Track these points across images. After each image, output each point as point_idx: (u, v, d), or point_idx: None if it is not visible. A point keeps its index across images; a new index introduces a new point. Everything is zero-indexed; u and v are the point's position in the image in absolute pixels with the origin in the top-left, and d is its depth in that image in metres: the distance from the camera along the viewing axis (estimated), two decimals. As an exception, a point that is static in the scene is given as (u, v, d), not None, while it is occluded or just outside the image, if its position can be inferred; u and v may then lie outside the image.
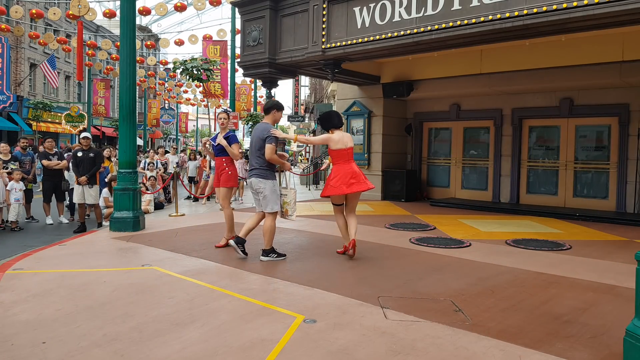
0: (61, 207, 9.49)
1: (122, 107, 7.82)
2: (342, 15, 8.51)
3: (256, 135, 5.63)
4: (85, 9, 14.69)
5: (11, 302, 4.02)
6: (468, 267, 5.30)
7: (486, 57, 10.44)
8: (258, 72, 10.12)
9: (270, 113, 5.74)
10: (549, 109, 10.90)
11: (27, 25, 23.26)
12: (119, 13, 9.57)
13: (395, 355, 3.05)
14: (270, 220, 5.59)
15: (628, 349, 2.85)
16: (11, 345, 3.15)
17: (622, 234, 7.74)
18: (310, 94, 33.57)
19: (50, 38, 19.89)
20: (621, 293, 4.42)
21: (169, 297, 4.16)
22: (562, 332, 3.48)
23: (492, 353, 3.10)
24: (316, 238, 7.09)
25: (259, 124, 5.79)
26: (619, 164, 10.07)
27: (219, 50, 20.16)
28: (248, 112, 27.56)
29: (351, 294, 4.25)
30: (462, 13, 7.01)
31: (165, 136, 50.87)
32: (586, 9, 5.95)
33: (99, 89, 29.09)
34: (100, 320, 3.59)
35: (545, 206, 10.65)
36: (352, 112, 13.00)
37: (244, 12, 9.98)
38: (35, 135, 23.61)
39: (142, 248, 6.27)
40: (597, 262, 5.71)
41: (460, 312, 3.86)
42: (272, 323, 3.55)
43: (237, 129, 19.13)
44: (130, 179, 7.70)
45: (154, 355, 3.03)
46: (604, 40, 8.87)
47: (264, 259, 5.59)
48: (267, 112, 5.78)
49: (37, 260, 5.57)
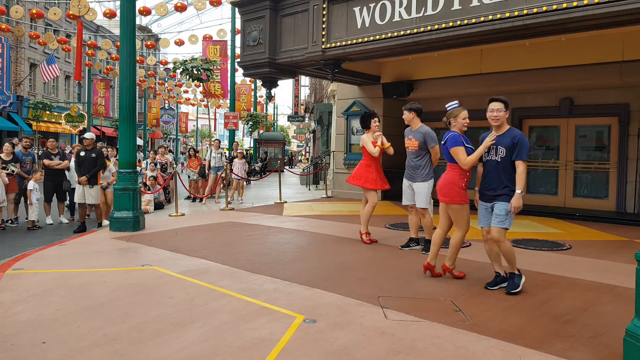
0: (61, 207, 9.50)
1: (122, 107, 7.82)
2: (342, 15, 8.51)
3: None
4: (85, 9, 14.69)
5: (11, 302, 4.03)
6: (468, 267, 5.30)
7: (486, 57, 10.44)
8: (258, 72, 10.12)
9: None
10: (549, 109, 10.89)
11: (27, 25, 23.26)
12: (119, 13, 9.57)
13: (395, 355, 3.05)
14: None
15: (628, 349, 2.84)
16: (11, 345, 3.15)
17: (622, 234, 7.74)
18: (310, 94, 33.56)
19: (50, 38, 19.89)
20: (621, 293, 4.42)
21: (169, 297, 4.17)
22: (562, 332, 3.48)
23: (492, 353, 3.10)
24: (316, 238, 7.09)
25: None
26: (619, 164, 10.07)
27: (219, 50, 20.15)
28: (248, 112, 27.57)
29: (351, 294, 4.25)
30: (462, 13, 7.01)
31: (165, 136, 50.89)
32: (586, 9, 5.95)
33: (99, 89, 29.09)
34: (100, 320, 3.59)
35: (545, 206, 10.64)
36: (352, 112, 13.00)
37: (244, 12, 9.98)
38: (35, 135, 23.60)
39: (142, 248, 6.27)
40: (597, 262, 5.71)
41: (460, 312, 3.86)
42: (272, 323, 3.55)
43: (237, 128, 19.11)
44: (130, 179, 7.70)
45: (154, 355, 3.03)
46: (604, 40, 8.86)
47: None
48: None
49: (37, 260, 5.57)
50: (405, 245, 6.30)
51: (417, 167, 5.95)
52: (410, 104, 6.07)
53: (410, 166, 6.03)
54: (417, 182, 5.93)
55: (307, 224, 8.31)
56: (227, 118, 18.49)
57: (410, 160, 6.04)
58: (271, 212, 9.99)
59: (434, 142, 5.85)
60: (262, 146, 31.15)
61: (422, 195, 5.88)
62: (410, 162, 6.04)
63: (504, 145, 4.33)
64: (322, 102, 23.64)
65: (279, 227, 8.03)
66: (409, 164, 6.07)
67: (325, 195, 13.39)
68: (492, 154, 4.42)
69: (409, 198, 6.07)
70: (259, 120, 27.58)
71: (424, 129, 5.90)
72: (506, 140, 4.34)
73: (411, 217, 6.24)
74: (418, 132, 5.91)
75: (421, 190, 5.89)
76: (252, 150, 29.86)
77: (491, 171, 4.41)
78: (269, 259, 5.64)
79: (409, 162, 6.07)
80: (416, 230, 6.28)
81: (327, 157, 17.68)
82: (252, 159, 26.17)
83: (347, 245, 6.54)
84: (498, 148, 4.37)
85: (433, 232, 6.07)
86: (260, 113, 32.85)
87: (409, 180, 6.03)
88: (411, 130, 6.02)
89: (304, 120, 38.86)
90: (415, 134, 5.94)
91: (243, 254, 5.87)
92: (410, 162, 6.03)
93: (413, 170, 5.98)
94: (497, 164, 4.38)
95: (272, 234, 7.33)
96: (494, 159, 4.40)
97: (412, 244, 6.27)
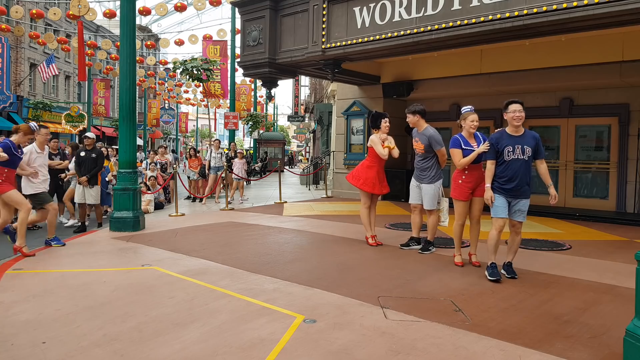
0: (61, 207, 9.49)
1: (122, 107, 7.82)
2: (342, 15, 8.51)
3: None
4: (85, 9, 14.68)
5: (11, 302, 4.02)
6: (468, 267, 5.30)
7: (486, 57, 10.44)
8: (258, 72, 10.12)
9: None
10: (549, 109, 10.89)
11: (27, 25, 23.25)
12: (119, 13, 9.57)
13: (395, 355, 3.05)
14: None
15: (628, 349, 2.84)
16: (11, 345, 3.15)
17: (622, 234, 7.74)
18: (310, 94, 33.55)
19: (50, 38, 19.89)
20: (621, 293, 4.42)
21: (169, 297, 4.16)
22: (562, 332, 3.48)
23: (492, 353, 3.10)
24: (316, 238, 7.09)
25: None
26: (619, 164, 10.07)
27: (219, 50, 20.17)
28: (248, 112, 27.56)
29: (351, 294, 4.25)
30: (462, 13, 7.01)
31: (165, 136, 50.88)
32: (586, 9, 5.95)
33: (99, 89, 29.09)
34: (100, 320, 3.59)
35: (545, 206, 10.61)
36: (352, 112, 13.00)
37: (244, 12, 9.98)
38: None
39: (142, 248, 6.27)
40: (597, 262, 5.71)
41: (460, 312, 3.86)
42: (272, 323, 3.55)
43: (237, 128, 19.11)
44: (130, 179, 7.70)
45: (154, 355, 3.03)
46: (604, 40, 8.86)
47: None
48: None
49: (37, 261, 5.57)
50: (406, 244, 6.30)
51: (424, 169, 5.96)
52: (414, 107, 6.04)
53: (418, 168, 6.04)
54: (424, 184, 5.95)
55: (307, 224, 8.31)
56: (227, 118, 18.50)
57: (418, 162, 6.05)
58: (271, 212, 9.99)
59: (439, 145, 5.84)
60: (262, 146, 31.16)
61: (428, 196, 5.89)
62: (418, 163, 6.05)
63: (529, 145, 4.69)
64: (322, 102, 23.64)
65: (279, 227, 8.03)
66: (416, 165, 6.08)
67: (325, 195, 13.40)
68: (517, 153, 4.68)
69: (415, 198, 6.07)
70: (259, 120, 27.58)
71: (429, 132, 5.89)
72: (530, 140, 4.70)
73: (413, 216, 6.24)
74: (424, 135, 5.90)
75: (428, 192, 5.90)
76: (252, 150, 29.85)
77: (518, 169, 4.67)
78: (269, 259, 5.64)
79: (416, 164, 6.08)
80: (418, 230, 6.28)
81: (327, 157, 17.69)
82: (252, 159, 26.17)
83: (347, 245, 6.53)
84: (524, 147, 4.66)
85: (435, 232, 6.11)
86: (260, 113, 32.85)
87: (417, 181, 6.04)
88: (417, 132, 6.01)
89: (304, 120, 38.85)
90: (421, 137, 5.93)
91: (243, 254, 5.87)
92: (418, 164, 6.04)
93: (421, 172, 6.00)
94: (525, 162, 4.69)
95: (272, 234, 7.33)
96: (521, 157, 4.68)
97: (412, 243, 6.27)
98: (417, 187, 6.07)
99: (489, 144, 4.80)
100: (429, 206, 5.91)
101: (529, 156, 4.68)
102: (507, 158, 4.68)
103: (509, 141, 4.69)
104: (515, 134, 4.69)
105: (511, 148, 4.66)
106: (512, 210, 4.80)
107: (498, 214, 4.79)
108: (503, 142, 4.71)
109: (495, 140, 4.75)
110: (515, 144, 4.65)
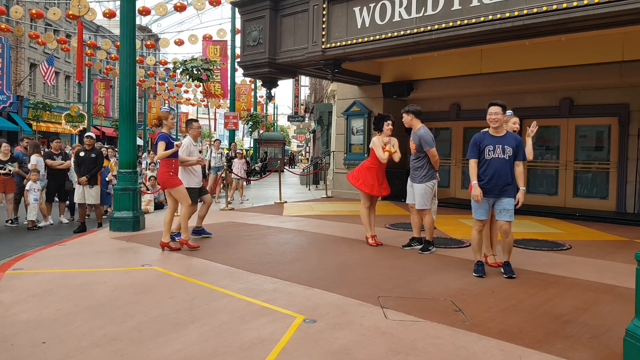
0: (62, 207, 9.50)
1: (122, 107, 7.82)
2: (342, 15, 8.51)
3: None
4: (85, 9, 14.68)
5: (11, 302, 4.02)
6: (468, 267, 5.30)
7: (486, 57, 10.44)
8: (258, 72, 10.12)
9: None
10: (549, 109, 10.89)
11: (27, 25, 23.26)
12: (119, 13, 9.57)
13: (395, 355, 3.05)
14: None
15: (628, 349, 2.84)
16: (11, 345, 3.15)
17: (622, 234, 7.74)
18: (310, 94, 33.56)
19: (50, 38, 19.89)
20: (621, 293, 4.42)
21: (169, 297, 4.16)
22: (562, 332, 3.48)
23: (492, 353, 3.10)
24: (316, 238, 7.09)
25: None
26: (619, 164, 10.07)
27: (219, 50, 20.16)
28: (248, 112, 27.56)
29: (351, 294, 4.25)
30: (462, 13, 7.01)
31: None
32: (586, 9, 5.95)
33: (99, 89, 29.09)
34: (100, 320, 3.59)
35: (545, 206, 10.64)
36: (352, 112, 13.00)
37: (244, 12, 9.98)
38: (35, 135, 23.59)
39: (142, 248, 6.27)
40: (597, 262, 5.71)
41: (460, 312, 3.86)
42: (272, 323, 3.55)
43: (237, 128, 19.11)
44: (130, 179, 7.70)
45: (154, 355, 3.03)
46: (604, 40, 8.86)
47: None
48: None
49: (37, 260, 5.57)
50: (407, 244, 6.30)
51: (416, 168, 6.00)
52: (408, 107, 6.09)
53: (411, 167, 6.08)
54: (415, 183, 5.98)
55: (307, 224, 8.31)
56: (227, 118, 18.50)
57: (411, 162, 6.09)
58: (271, 212, 9.99)
59: (429, 146, 5.80)
60: (262, 146, 31.15)
61: (419, 196, 5.91)
62: (411, 163, 6.09)
63: (510, 145, 4.82)
64: (322, 102, 23.64)
65: (279, 227, 8.03)
66: (410, 165, 6.12)
67: (325, 196, 13.40)
68: (498, 153, 4.80)
69: (411, 197, 6.10)
70: (259, 120, 27.56)
71: (420, 132, 5.89)
72: (511, 141, 4.85)
73: (413, 216, 6.25)
74: (415, 135, 5.93)
75: (418, 192, 5.92)
76: (252, 151, 29.84)
77: (499, 168, 4.78)
78: (269, 259, 5.64)
79: (410, 163, 6.12)
80: (418, 230, 6.28)
81: (327, 157, 17.68)
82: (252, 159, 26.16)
83: (347, 245, 6.54)
84: (505, 147, 4.79)
85: (433, 232, 6.10)
86: (260, 113, 32.84)
87: (411, 180, 6.09)
88: (412, 132, 6.03)
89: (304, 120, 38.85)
90: (414, 137, 5.97)
91: (243, 254, 5.87)
92: (411, 164, 6.09)
93: (413, 171, 6.04)
94: (505, 161, 4.81)
95: (272, 234, 7.33)
96: (502, 157, 4.81)
97: (414, 243, 6.27)
98: (411, 186, 6.10)
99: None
100: (420, 205, 5.91)
101: (510, 156, 4.80)
102: (487, 157, 4.83)
103: (490, 141, 4.86)
104: (497, 135, 4.86)
105: (492, 147, 4.82)
106: (497, 210, 4.88)
107: (478, 216, 4.93)
108: (485, 141, 4.87)
109: (479, 139, 4.91)
110: (496, 144, 4.82)
